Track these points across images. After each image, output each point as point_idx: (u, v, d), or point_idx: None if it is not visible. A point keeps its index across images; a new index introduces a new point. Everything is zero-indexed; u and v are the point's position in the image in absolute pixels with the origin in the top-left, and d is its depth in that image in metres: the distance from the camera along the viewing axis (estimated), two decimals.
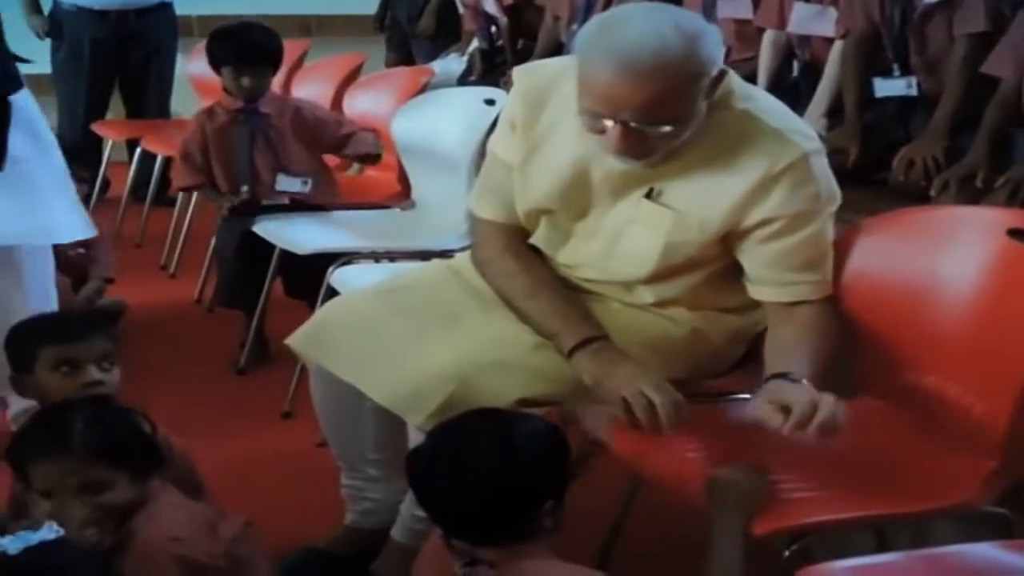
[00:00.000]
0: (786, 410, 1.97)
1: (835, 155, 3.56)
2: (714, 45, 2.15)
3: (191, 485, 2.32)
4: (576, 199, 2.36)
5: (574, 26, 5.18)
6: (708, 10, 4.54)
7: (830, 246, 2.31)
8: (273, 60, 4.14)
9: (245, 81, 4.03)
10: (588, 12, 5.07)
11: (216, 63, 4.12)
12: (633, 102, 2.09)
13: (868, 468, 2.14)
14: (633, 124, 2.12)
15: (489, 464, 1.89)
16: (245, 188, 4.01)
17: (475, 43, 6.02)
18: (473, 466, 1.89)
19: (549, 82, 2.37)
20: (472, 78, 5.68)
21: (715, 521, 1.96)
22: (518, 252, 2.45)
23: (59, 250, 4.07)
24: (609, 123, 2.14)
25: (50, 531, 1.76)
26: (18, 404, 2.95)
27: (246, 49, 4.06)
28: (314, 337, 2.48)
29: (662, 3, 2.29)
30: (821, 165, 2.27)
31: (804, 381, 2.06)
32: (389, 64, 6.62)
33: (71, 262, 4.18)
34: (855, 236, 2.39)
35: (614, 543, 2.61)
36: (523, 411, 2.11)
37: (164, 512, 2.05)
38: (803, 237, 2.25)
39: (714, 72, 2.15)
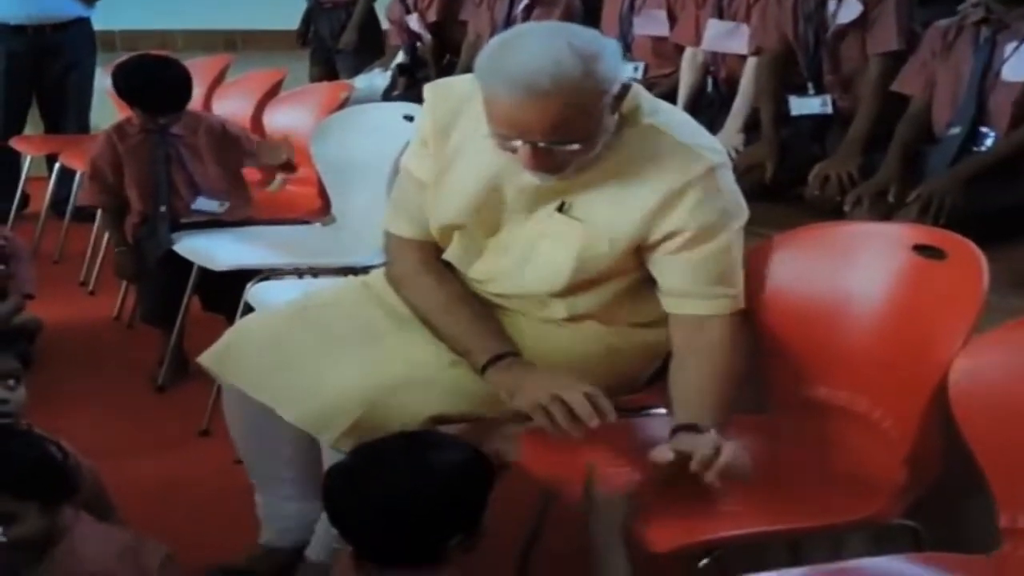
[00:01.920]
0: (687, 459, 2.00)
1: (752, 171, 3.62)
2: (612, 62, 2.15)
3: (100, 507, 2.29)
4: (489, 215, 2.36)
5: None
6: (624, 28, 4.58)
7: (739, 261, 2.32)
8: (181, 102, 4.03)
9: (158, 120, 3.95)
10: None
11: (123, 98, 4.01)
12: (538, 125, 2.10)
13: (779, 482, 2.16)
14: (542, 144, 2.13)
15: (402, 488, 1.88)
16: (164, 208, 3.93)
17: (399, 58, 6.01)
18: (386, 489, 1.88)
19: (460, 99, 2.36)
20: (396, 93, 5.67)
21: (593, 534, 1.98)
22: (432, 269, 2.44)
23: None
24: (519, 143, 2.14)
25: None
26: None
27: (154, 97, 3.95)
28: (226, 355, 2.45)
29: (556, 23, 2.29)
30: (727, 179, 2.29)
31: (711, 432, 2.07)
32: (313, 79, 6.60)
33: None
34: (767, 251, 2.41)
35: (529, 554, 2.60)
36: (449, 436, 2.09)
37: (85, 546, 2.01)
38: (711, 250, 2.26)
39: (615, 89, 2.15)
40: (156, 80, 3.98)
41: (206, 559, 2.62)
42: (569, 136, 2.13)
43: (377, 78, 6.01)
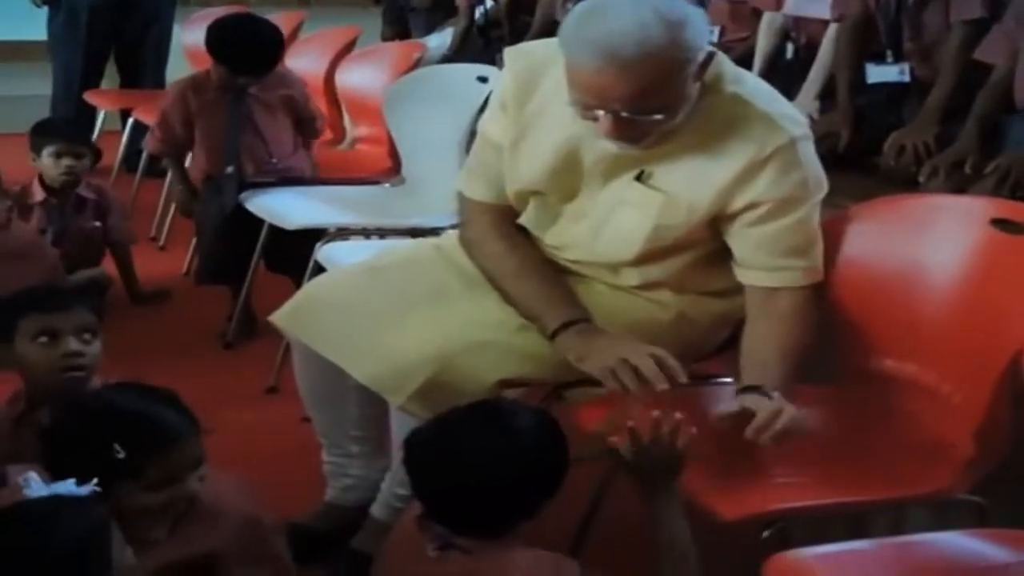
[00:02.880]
0: (750, 417, 2.02)
1: (827, 138, 3.60)
2: (699, 30, 2.15)
3: None
4: (566, 181, 2.37)
5: (569, 4, 5.19)
6: None
7: (818, 233, 2.33)
8: (263, 65, 4.04)
9: (241, 80, 3.98)
10: None
11: (214, 56, 4.02)
12: (621, 94, 2.10)
13: (844, 455, 2.17)
14: (624, 114, 2.13)
15: (490, 459, 1.91)
16: (231, 169, 3.95)
17: (458, 23, 6.02)
18: (473, 459, 1.91)
19: (541, 63, 2.37)
20: (448, 54, 5.69)
21: (648, 499, 2.00)
22: (505, 233, 2.46)
23: (74, 226, 4.12)
24: (600, 112, 2.15)
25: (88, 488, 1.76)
26: None
27: (246, 57, 3.98)
28: (297, 314, 2.49)
29: None
30: (808, 151, 2.28)
31: (775, 395, 2.09)
32: (385, 38, 6.62)
33: (87, 235, 4.21)
34: (841, 224, 2.41)
35: (588, 528, 2.62)
36: (525, 406, 2.10)
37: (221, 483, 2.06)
38: (789, 223, 2.26)
39: (701, 57, 2.15)
40: (251, 40, 4.02)
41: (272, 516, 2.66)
42: (653, 106, 2.13)
43: (449, 37, 6.04)
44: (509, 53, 2.46)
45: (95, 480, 1.75)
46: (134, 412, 1.97)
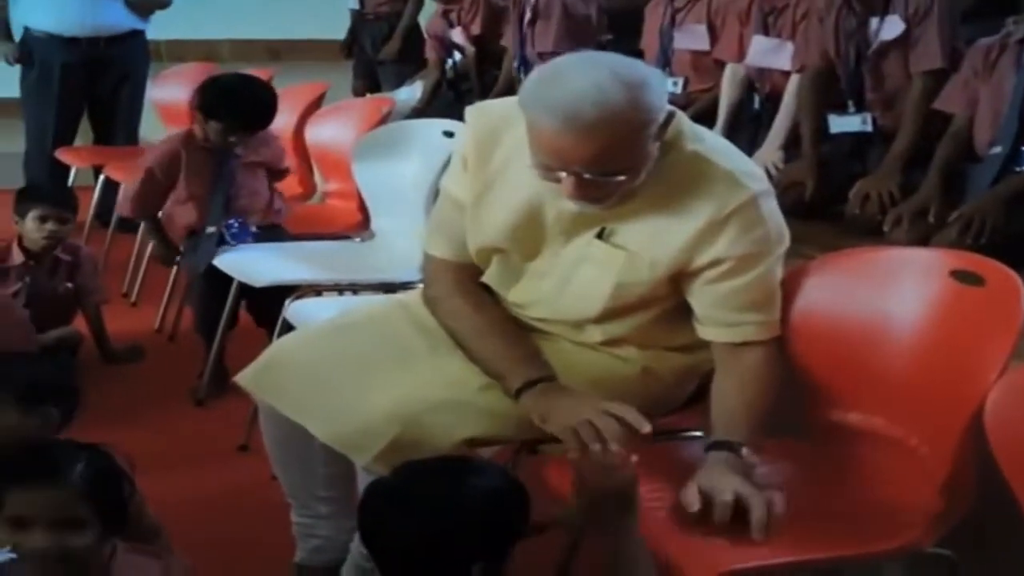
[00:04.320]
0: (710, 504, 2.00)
1: (792, 188, 3.62)
2: (658, 91, 2.14)
3: (145, 527, 2.30)
4: (528, 238, 2.36)
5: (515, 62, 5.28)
6: (665, 42, 4.57)
7: (778, 287, 2.31)
8: (258, 122, 4.03)
9: (214, 132, 3.92)
10: (522, 47, 5.20)
11: (204, 113, 3.95)
12: (582, 156, 2.09)
13: (813, 510, 2.13)
14: (586, 175, 2.12)
15: (441, 511, 1.87)
16: (212, 229, 3.91)
17: (428, 77, 6.03)
18: (412, 509, 1.87)
19: (502, 121, 2.36)
20: (418, 107, 5.71)
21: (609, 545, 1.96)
22: (469, 291, 2.44)
23: (47, 287, 4.08)
24: (562, 174, 2.13)
25: (3, 555, 1.74)
26: None
27: (229, 106, 3.94)
28: (262, 374, 2.46)
29: (599, 52, 2.28)
30: (770, 206, 2.27)
31: (744, 451, 2.09)
32: (356, 91, 6.64)
33: (59, 296, 4.17)
34: (803, 275, 2.40)
35: (569, 565, 2.59)
36: (488, 462, 2.09)
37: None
38: (751, 278, 2.25)
39: (661, 117, 2.14)
40: (250, 98, 4.01)
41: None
42: (614, 167, 2.12)
43: (419, 90, 6.04)
44: (470, 111, 2.45)
45: None
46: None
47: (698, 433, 2.36)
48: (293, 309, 3.33)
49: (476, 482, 1.93)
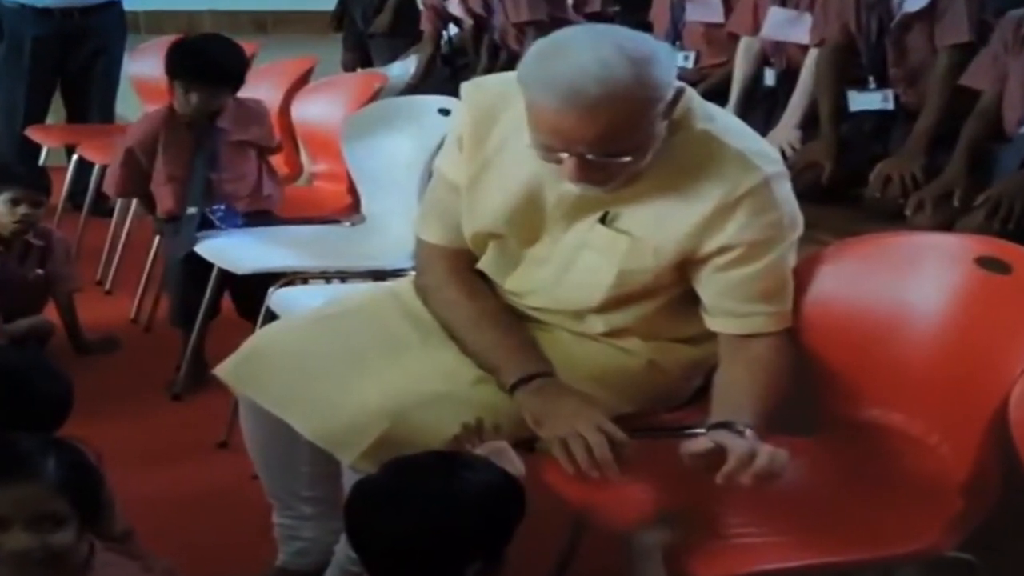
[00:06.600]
0: (723, 456, 1.98)
1: (809, 169, 3.62)
2: (666, 66, 2.13)
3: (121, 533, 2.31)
4: (527, 223, 2.36)
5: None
6: (676, 13, 4.57)
7: (790, 276, 2.32)
8: (231, 79, 4.00)
9: (192, 98, 3.90)
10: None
11: (175, 77, 3.95)
12: (584, 136, 2.08)
13: (827, 511, 2.15)
14: (589, 156, 2.11)
15: (420, 507, 1.87)
16: (194, 210, 3.89)
17: (423, 51, 6.02)
18: (402, 507, 1.88)
19: (499, 97, 2.36)
20: (412, 84, 5.70)
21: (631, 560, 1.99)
22: (462, 279, 2.45)
23: (16, 274, 4.09)
24: (564, 155, 2.13)
25: None
26: None
27: (199, 65, 3.92)
28: (243, 367, 2.45)
29: (603, 25, 2.27)
30: (784, 189, 2.27)
31: (747, 432, 2.06)
32: (346, 65, 6.63)
33: (29, 284, 4.17)
34: (818, 262, 2.40)
35: (566, 567, 2.61)
36: (481, 458, 2.08)
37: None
38: (762, 266, 2.25)
39: (669, 95, 2.14)
40: (217, 54, 3.99)
41: None
42: (619, 148, 2.12)
43: (414, 65, 6.03)
44: (466, 87, 2.45)
45: None
46: None
47: (702, 430, 2.36)
48: (277, 297, 3.32)
49: (469, 477, 1.93)
